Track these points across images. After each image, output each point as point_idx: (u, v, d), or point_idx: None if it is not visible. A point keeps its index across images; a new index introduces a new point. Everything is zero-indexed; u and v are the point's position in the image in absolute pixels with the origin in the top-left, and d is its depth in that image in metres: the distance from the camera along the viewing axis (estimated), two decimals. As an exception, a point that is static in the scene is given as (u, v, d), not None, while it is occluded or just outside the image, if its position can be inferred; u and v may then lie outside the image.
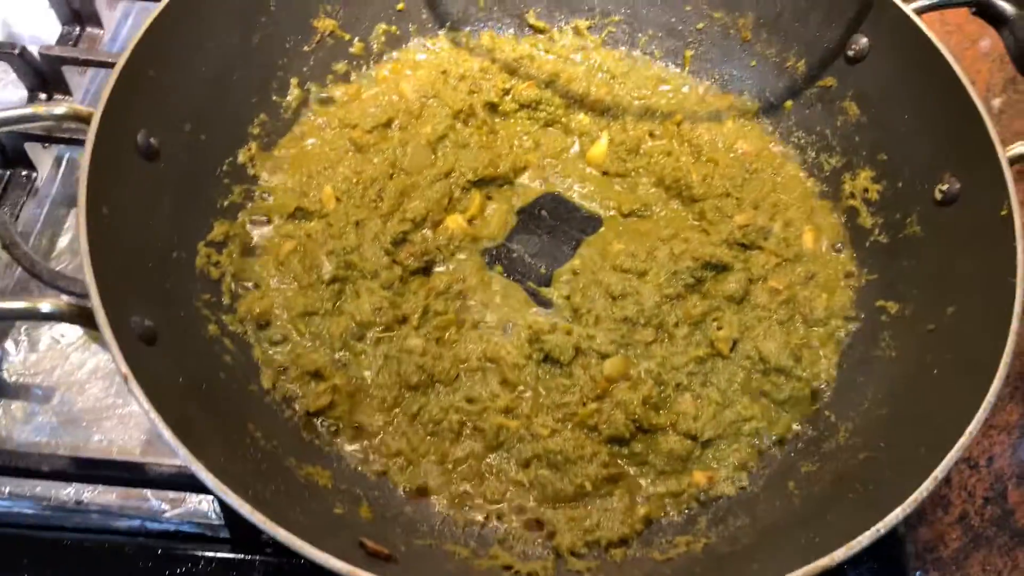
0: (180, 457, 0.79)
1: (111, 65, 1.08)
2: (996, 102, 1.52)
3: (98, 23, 1.53)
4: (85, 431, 1.17)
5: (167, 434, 0.79)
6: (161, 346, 0.95)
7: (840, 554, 0.78)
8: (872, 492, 0.93)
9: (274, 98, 1.31)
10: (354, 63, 1.40)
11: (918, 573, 1.20)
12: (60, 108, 1.00)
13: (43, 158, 1.38)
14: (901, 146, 1.21)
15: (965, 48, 1.60)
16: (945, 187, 1.12)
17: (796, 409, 1.15)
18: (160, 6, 1.07)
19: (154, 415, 0.79)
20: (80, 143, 1.12)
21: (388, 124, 1.33)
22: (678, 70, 1.45)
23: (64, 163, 1.39)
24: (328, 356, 1.14)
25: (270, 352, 1.14)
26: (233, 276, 1.17)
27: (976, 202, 1.07)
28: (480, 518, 1.05)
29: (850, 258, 1.26)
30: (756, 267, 1.23)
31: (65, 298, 0.90)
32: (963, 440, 0.85)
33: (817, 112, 1.34)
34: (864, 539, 0.79)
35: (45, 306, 0.89)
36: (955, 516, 1.23)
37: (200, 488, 1.02)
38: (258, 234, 1.24)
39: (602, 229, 1.31)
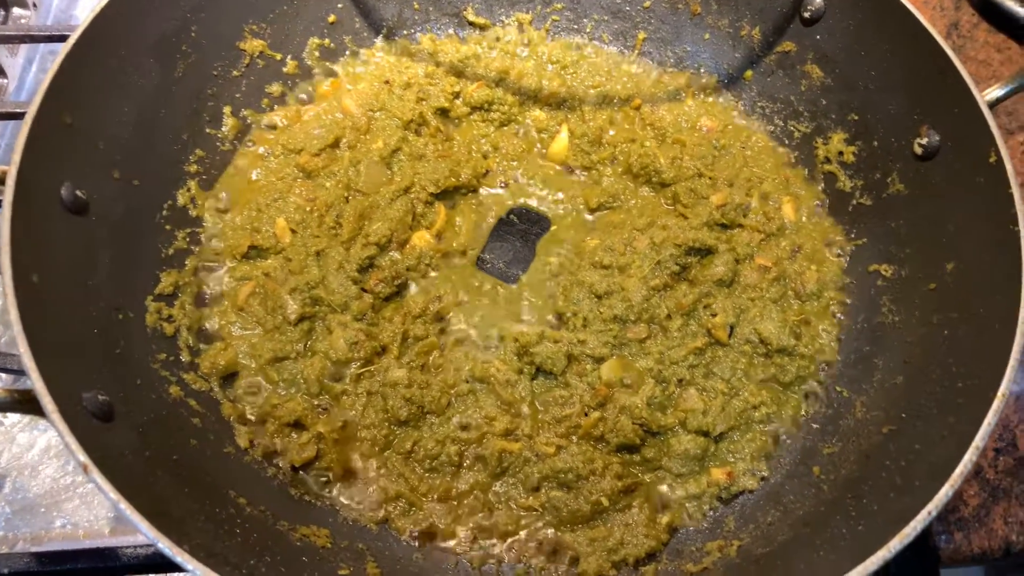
0: (159, 547, 0.70)
1: (21, 115, 0.97)
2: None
3: None
4: (45, 517, 1.07)
5: (142, 524, 0.69)
6: (120, 420, 0.85)
7: (895, 544, 0.72)
8: (905, 468, 0.88)
9: (208, 131, 1.21)
10: (289, 83, 1.30)
11: (943, 536, 1.17)
12: (-32, 171, 0.90)
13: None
14: (871, 104, 1.18)
15: (904, -2, 1.58)
16: (924, 140, 1.09)
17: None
18: (68, 44, 0.96)
19: (124, 505, 0.70)
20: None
21: (336, 144, 1.24)
22: (629, 53, 1.40)
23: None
24: (307, 402, 1.05)
25: (242, 407, 1.05)
26: (189, 329, 1.07)
27: (960, 152, 1.04)
28: (496, 554, 0.98)
29: (834, 224, 1.22)
30: (741, 246, 1.19)
31: (3, 384, 0.80)
32: (996, 404, 0.81)
33: (779, 79, 1.30)
34: (917, 524, 0.74)
35: (-22, 397, 0.78)
36: (970, 472, 1.21)
37: (181, 568, 0.92)
38: (212, 280, 1.14)
39: (553, 228, 1.24)
